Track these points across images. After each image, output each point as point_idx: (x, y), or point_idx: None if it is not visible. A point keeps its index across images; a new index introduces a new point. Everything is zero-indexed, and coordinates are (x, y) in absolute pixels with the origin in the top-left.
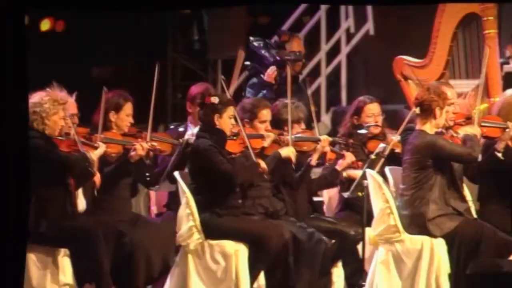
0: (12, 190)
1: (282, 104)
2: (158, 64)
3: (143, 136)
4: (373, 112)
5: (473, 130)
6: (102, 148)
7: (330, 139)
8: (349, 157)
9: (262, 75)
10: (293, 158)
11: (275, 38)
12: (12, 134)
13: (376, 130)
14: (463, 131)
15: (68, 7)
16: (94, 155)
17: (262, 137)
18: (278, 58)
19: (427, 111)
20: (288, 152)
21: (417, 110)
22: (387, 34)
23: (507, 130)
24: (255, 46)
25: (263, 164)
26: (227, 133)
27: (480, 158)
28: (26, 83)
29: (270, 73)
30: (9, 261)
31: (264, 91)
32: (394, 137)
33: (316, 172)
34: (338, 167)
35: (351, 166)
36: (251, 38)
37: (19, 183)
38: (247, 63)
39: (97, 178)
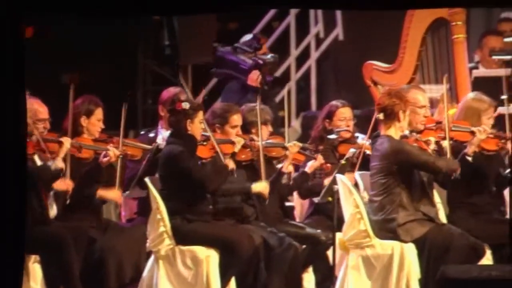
0: (9, 192)
1: (248, 108)
2: (125, 105)
3: (114, 142)
4: (345, 116)
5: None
6: (67, 143)
7: (300, 145)
8: (320, 159)
9: (241, 79)
10: (266, 194)
11: (251, 42)
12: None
13: (347, 135)
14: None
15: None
16: (59, 161)
17: (232, 142)
18: (260, 61)
19: (390, 116)
20: (260, 187)
21: (381, 115)
22: (357, 39)
23: (476, 134)
24: (225, 52)
25: (231, 165)
26: (198, 138)
27: (444, 170)
28: (23, 85)
29: (255, 77)
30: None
31: (249, 96)
32: (365, 142)
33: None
34: (308, 169)
35: (322, 169)
36: (216, 45)
37: (16, 186)
38: (213, 69)
39: (69, 184)
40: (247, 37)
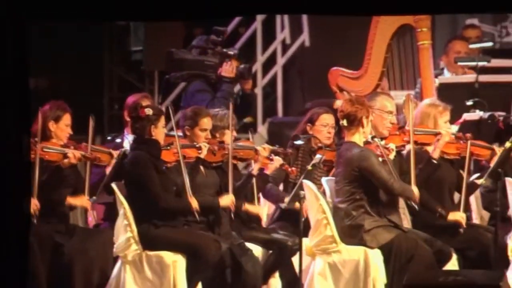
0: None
1: (213, 112)
2: (92, 117)
3: (83, 147)
4: (327, 122)
5: None
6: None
7: (270, 147)
8: (277, 161)
9: (207, 77)
10: (232, 207)
11: (213, 37)
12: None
13: (328, 141)
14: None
15: None
16: None
17: (197, 147)
18: (231, 52)
19: (354, 122)
20: (227, 201)
21: (344, 122)
22: (323, 46)
23: (441, 136)
24: (185, 53)
25: (195, 205)
26: (161, 142)
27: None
28: (27, 84)
29: (230, 68)
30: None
31: (223, 88)
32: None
33: None
34: (267, 171)
35: (283, 170)
36: (173, 50)
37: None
38: (170, 75)
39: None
40: (202, 37)
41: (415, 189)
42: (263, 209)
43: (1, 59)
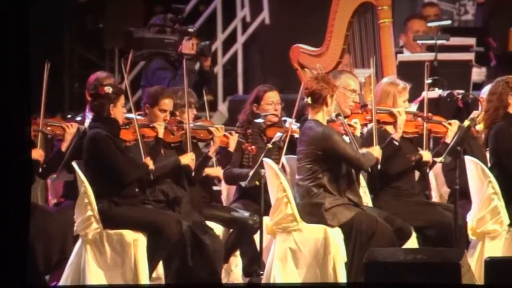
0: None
1: (173, 90)
2: (47, 62)
3: (37, 122)
4: (272, 100)
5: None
6: None
7: (224, 128)
8: (234, 136)
9: (167, 55)
10: (192, 165)
11: (171, 15)
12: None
13: (275, 119)
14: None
15: None
16: None
17: (151, 127)
18: (190, 29)
19: (318, 100)
20: (187, 160)
21: (309, 99)
22: (283, 23)
23: (397, 116)
24: (144, 31)
25: (151, 165)
26: (120, 122)
27: (365, 167)
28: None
29: (189, 45)
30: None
31: (179, 71)
32: (293, 126)
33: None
34: (230, 148)
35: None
36: (132, 29)
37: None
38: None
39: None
40: (161, 15)
41: (375, 151)
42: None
43: None
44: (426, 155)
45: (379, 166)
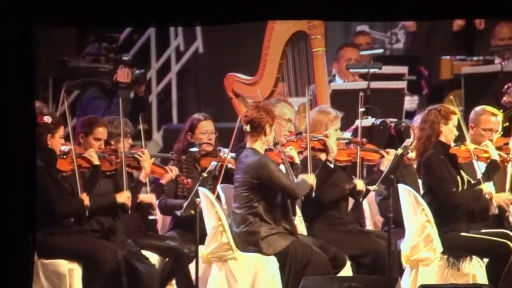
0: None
1: (108, 120)
2: None
3: None
4: (206, 129)
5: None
6: None
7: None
8: (174, 171)
9: (101, 84)
10: (128, 204)
11: (106, 44)
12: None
13: (209, 148)
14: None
15: None
16: None
17: (82, 156)
18: (125, 57)
19: (257, 128)
20: (123, 198)
21: (247, 127)
22: (217, 52)
23: (326, 139)
24: (79, 60)
25: (86, 201)
26: (57, 152)
27: (300, 197)
28: (34, 88)
29: (125, 73)
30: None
31: (119, 94)
32: (227, 155)
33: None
34: (162, 181)
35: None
36: (66, 58)
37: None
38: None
39: None
40: (95, 44)
41: (310, 178)
42: (159, 217)
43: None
44: (360, 184)
45: (313, 194)
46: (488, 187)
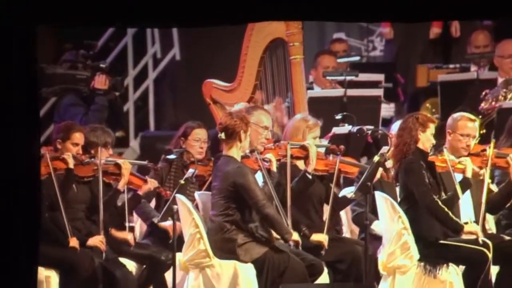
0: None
1: (90, 128)
2: None
3: None
4: (199, 137)
5: None
6: None
7: (131, 162)
8: (152, 183)
9: (79, 91)
10: (103, 248)
11: (83, 51)
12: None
13: (200, 156)
14: None
15: None
16: None
17: (61, 158)
18: (102, 65)
19: (232, 135)
20: (95, 241)
21: (222, 135)
22: (194, 59)
23: (308, 148)
24: (56, 67)
25: (74, 244)
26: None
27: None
28: (37, 94)
29: (102, 80)
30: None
31: (96, 101)
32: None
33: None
34: (140, 192)
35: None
36: (44, 65)
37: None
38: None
39: None
40: (72, 52)
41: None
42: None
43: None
44: (317, 237)
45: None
46: (472, 227)
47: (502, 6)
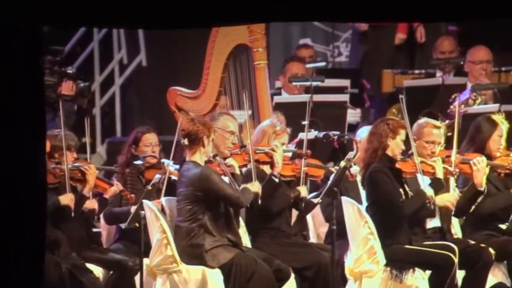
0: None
1: (51, 133)
2: None
3: None
4: (150, 141)
5: None
6: None
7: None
8: (118, 186)
9: (49, 95)
10: (71, 205)
11: (50, 57)
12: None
13: (153, 160)
14: None
15: None
16: None
17: None
18: (70, 70)
19: (195, 141)
20: (67, 200)
21: (185, 141)
22: (160, 65)
23: (273, 153)
24: None
25: None
26: None
27: (246, 205)
28: (42, 98)
29: (69, 86)
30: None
31: (67, 108)
32: (171, 167)
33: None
34: (106, 195)
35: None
36: None
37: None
38: None
39: None
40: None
41: (254, 186)
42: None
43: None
44: (303, 190)
45: (259, 201)
46: (430, 190)
47: (468, 9)
